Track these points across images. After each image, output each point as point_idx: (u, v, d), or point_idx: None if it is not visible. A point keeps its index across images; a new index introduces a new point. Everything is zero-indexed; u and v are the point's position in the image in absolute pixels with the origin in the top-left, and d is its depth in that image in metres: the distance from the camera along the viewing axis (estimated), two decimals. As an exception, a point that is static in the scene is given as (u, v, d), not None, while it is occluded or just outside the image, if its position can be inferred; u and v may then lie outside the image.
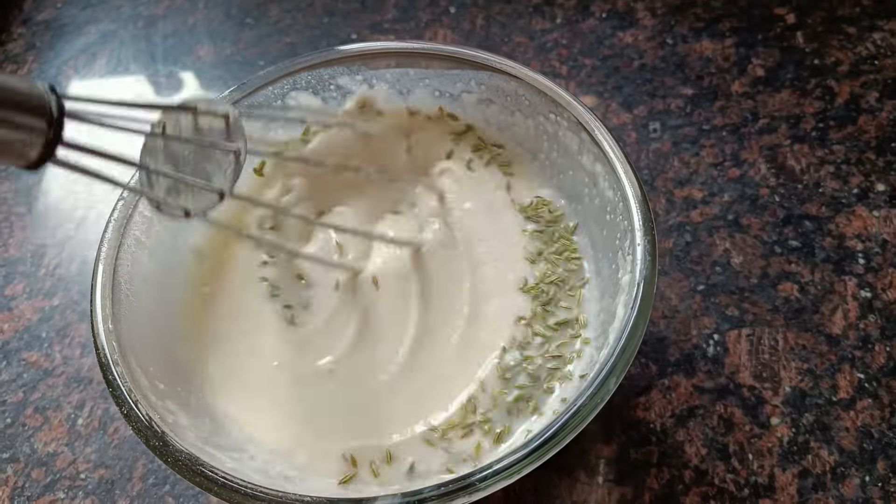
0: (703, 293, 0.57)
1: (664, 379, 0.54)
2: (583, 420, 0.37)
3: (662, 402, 0.53)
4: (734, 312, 0.56)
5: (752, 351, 0.55)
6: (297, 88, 0.54)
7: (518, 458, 0.36)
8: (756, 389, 0.53)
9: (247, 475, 0.40)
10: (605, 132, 0.46)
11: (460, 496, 0.36)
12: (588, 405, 0.37)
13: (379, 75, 0.54)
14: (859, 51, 0.69)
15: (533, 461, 0.36)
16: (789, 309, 0.56)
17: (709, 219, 0.61)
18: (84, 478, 0.54)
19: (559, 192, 0.54)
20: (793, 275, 0.58)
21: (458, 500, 0.36)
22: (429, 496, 0.36)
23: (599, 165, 0.47)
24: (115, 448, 0.55)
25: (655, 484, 0.50)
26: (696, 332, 0.56)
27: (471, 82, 0.53)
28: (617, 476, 0.51)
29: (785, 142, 0.64)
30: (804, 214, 0.60)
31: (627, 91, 0.69)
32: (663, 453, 0.51)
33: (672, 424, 0.52)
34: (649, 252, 0.41)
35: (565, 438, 0.37)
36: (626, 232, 0.44)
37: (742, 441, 0.51)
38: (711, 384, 0.54)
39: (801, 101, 0.67)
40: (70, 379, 0.59)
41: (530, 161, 0.55)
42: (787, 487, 0.49)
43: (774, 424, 0.52)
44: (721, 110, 0.67)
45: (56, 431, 0.57)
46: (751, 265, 0.58)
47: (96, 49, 0.80)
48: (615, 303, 0.44)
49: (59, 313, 0.62)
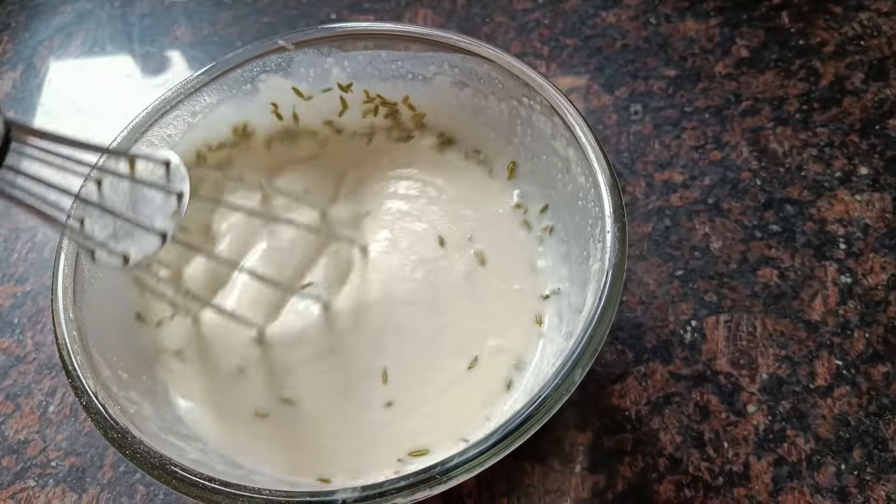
0: (681, 278, 0.57)
1: (640, 366, 0.53)
2: (547, 411, 0.36)
3: (638, 389, 0.53)
4: (712, 298, 0.56)
5: (730, 337, 0.54)
6: (267, 71, 0.53)
7: (480, 450, 0.36)
8: (733, 377, 0.53)
9: (209, 466, 0.39)
10: (577, 116, 0.45)
11: (422, 489, 0.35)
12: (552, 396, 0.36)
13: (350, 57, 0.53)
14: (845, 31, 0.68)
15: (496, 454, 0.36)
16: (768, 295, 0.55)
17: (689, 203, 0.60)
18: (55, 465, 0.54)
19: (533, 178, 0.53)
20: (772, 260, 0.57)
21: (420, 492, 0.35)
22: (389, 489, 0.35)
23: (572, 150, 0.46)
24: (87, 436, 0.55)
25: (629, 472, 0.50)
26: (673, 318, 0.55)
27: (444, 65, 0.52)
28: (591, 464, 0.50)
29: (768, 124, 0.63)
30: (785, 198, 0.59)
31: (609, 72, 0.68)
32: (638, 441, 0.51)
33: (647, 412, 0.52)
34: (619, 240, 0.40)
35: (529, 430, 0.36)
36: (597, 219, 0.43)
37: (718, 429, 0.51)
38: (688, 371, 0.53)
39: (786, 83, 0.65)
40: (42, 366, 0.58)
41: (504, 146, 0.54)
42: (762, 476, 0.49)
43: (751, 412, 0.51)
44: (704, 92, 0.66)
45: (27, 419, 0.56)
46: (730, 250, 0.58)
47: (72, 29, 0.79)
48: (583, 292, 0.44)
49: (31, 299, 0.62)
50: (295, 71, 0.53)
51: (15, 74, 0.76)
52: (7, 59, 0.77)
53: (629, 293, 0.56)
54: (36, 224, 0.65)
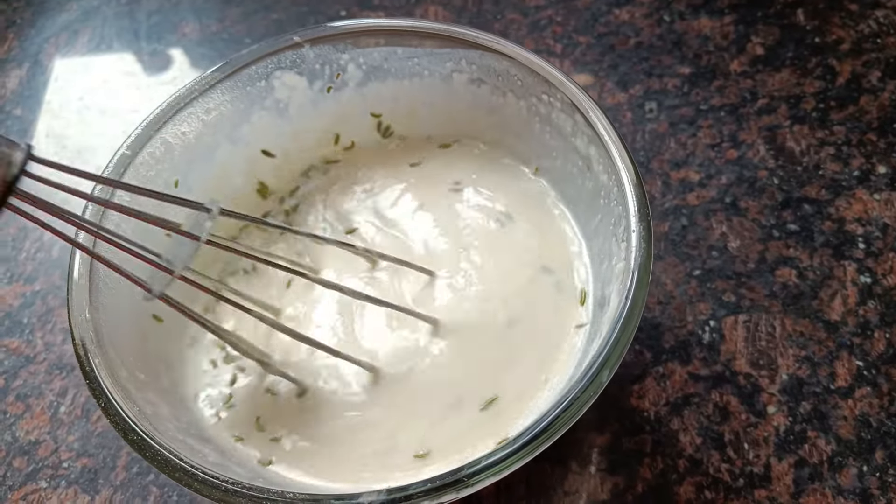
0: (699, 278, 0.56)
1: (659, 366, 0.53)
2: (574, 414, 0.36)
3: (657, 389, 0.52)
4: (731, 298, 0.55)
5: (749, 338, 0.54)
6: (282, 68, 0.52)
7: (508, 452, 0.35)
8: (752, 377, 0.52)
9: (228, 468, 0.39)
10: (599, 114, 0.45)
11: (448, 492, 0.35)
12: (580, 399, 0.36)
13: (366, 54, 0.52)
14: (861, 28, 0.67)
15: (523, 456, 0.35)
16: (787, 295, 0.55)
17: (706, 202, 0.59)
18: (67, 466, 0.53)
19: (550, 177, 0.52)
20: (791, 259, 0.56)
21: (446, 496, 0.35)
22: (415, 493, 0.34)
23: (594, 148, 0.45)
24: (99, 436, 0.54)
25: (648, 473, 0.49)
26: (691, 318, 0.55)
27: (461, 62, 0.51)
28: (609, 465, 0.50)
29: (784, 122, 0.63)
30: (803, 197, 0.59)
31: (623, 70, 0.67)
32: (657, 442, 0.50)
33: (666, 413, 0.51)
34: (644, 239, 0.40)
35: (557, 433, 0.36)
36: (621, 218, 0.42)
37: (738, 430, 0.50)
38: (707, 372, 0.53)
39: (802, 81, 0.65)
40: (52, 366, 0.58)
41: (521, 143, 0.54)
42: (784, 477, 0.49)
43: (771, 413, 0.51)
44: (719, 90, 0.65)
45: (38, 419, 0.55)
46: (748, 249, 0.57)
47: (78, 26, 0.78)
48: (608, 291, 0.43)
49: (40, 299, 0.61)
50: (310, 68, 0.53)
51: (21, 72, 0.75)
52: (13, 57, 0.76)
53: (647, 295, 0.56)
54: (45, 222, 0.65)
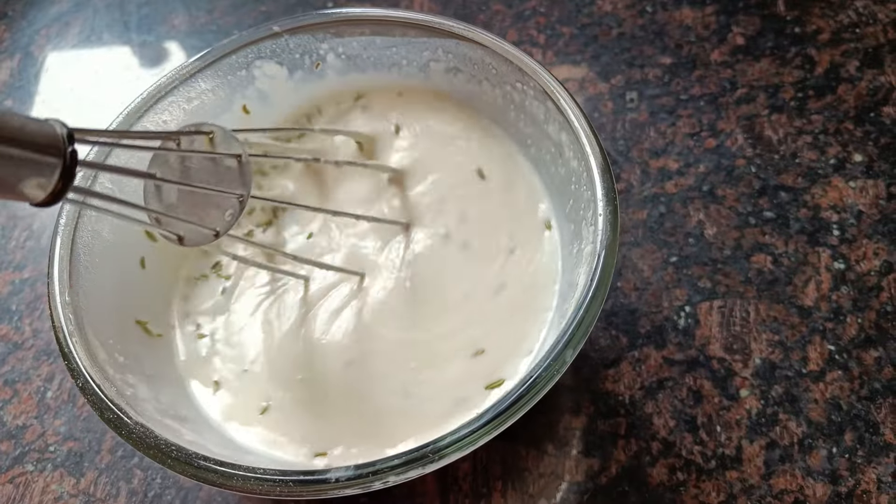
0: (675, 265, 0.57)
1: (634, 351, 0.54)
2: (539, 391, 0.37)
3: (632, 374, 0.53)
4: (706, 284, 0.56)
5: (724, 323, 0.54)
6: (262, 57, 0.53)
7: (473, 428, 0.36)
8: (726, 361, 0.53)
9: (204, 447, 0.40)
10: (569, 100, 0.46)
11: (415, 467, 0.36)
12: (544, 377, 0.37)
13: (345, 43, 0.53)
14: (841, 19, 0.68)
15: (488, 432, 0.36)
16: (762, 280, 0.56)
17: (683, 189, 0.60)
18: (53, 450, 0.54)
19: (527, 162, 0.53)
20: (766, 246, 0.57)
21: (412, 471, 0.36)
22: (382, 468, 0.35)
23: (564, 135, 0.46)
24: (84, 420, 0.55)
25: (623, 456, 0.50)
26: (667, 303, 0.55)
27: (438, 51, 0.52)
28: (585, 448, 0.51)
29: (763, 112, 0.63)
30: (780, 185, 0.60)
31: (605, 60, 0.68)
32: (631, 425, 0.51)
33: (641, 396, 0.52)
34: (611, 222, 0.41)
35: (520, 410, 0.36)
36: (590, 202, 0.43)
37: (710, 413, 0.51)
38: (682, 356, 0.53)
39: (781, 71, 0.66)
40: (40, 352, 0.59)
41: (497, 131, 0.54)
42: (754, 459, 0.49)
43: (743, 396, 0.52)
44: (699, 80, 0.66)
45: (26, 404, 0.57)
46: (724, 236, 0.58)
47: (69, 18, 0.79)
48: (575, 275, 0.44)
49: (28, 286, 0.62)
50: (290, 57, 0.54)
51: (12, 63, 0.76)
52: (4, 48, 0.77)
53: (623, 279, 0.56)
54: (35, 211, 0.66)
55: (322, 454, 0.44)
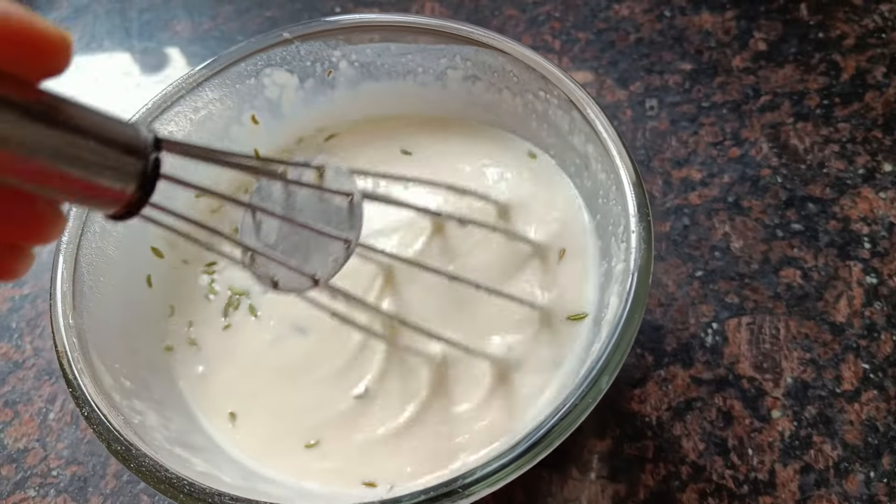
0: (701, 279, 0.55)
1: (661, 370, 0.52)
2: (573, 422, 0.35)
3: (659, 394, 0.51)
4: (734, 300, 0.54)
5: (753, 340, 0.52)
6: (272, 65, 0.51)
7: (504, 462, 0.34)
8: (756, 381, 0.51)
9: (217, 478, 0.38)
10: (597, 111, 0.43)
11: (442, 503, 0.34)
12: (579, 406, 0.35)
13: (358, 50, 0.51)
14: (866, 23, 0.66)
15: (520, 466, 0.34)
16: (791, 296, 0.54)
17: (708, 201, 0.58)
18: (56, 475, 0.52)
19: None
20: (795, 260, 0.55)
21: None
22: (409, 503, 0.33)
23: (591, 146, 0.44)
24: (88, 444, 0.53)
25: (651, 480, 0.48)
26: (693, 320, 0.53)
27: (455, 58, 0.50)
28: (610, 472, 0.49)
29: (788, 120, 0.61)
30: (807, 196, 0.58)
31: (623, 66, 0.66)
32: (659, 448, 0.49)
33: (669, 418, 0.50)
34: (644, 240, 0.39)
35: (555, 442, 0.34)
36: (620, 218, 0.41)
37: (741, 435, 0.49)
38: (710, 375, 0.51)
39: (805, 77, 0.64)
40: (41, 371, 0.56)
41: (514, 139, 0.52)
42: (789, 484, 0.47)
43: (775, 417, 0.49)
44: (721, 86, 0.64)
45: (27, 426, 0.54)
46: (751, 250, 0.56)
47: (69, 24, 0.77)
48: (607, 293, 0.42)
49: (29, 303, 0.60)
50: (300, 65, 0.51)
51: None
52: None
53: (648, 296, 0.54)
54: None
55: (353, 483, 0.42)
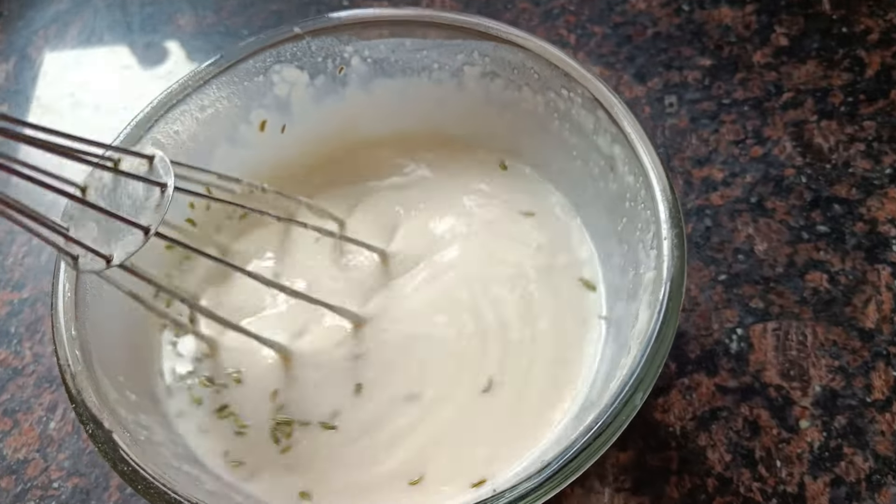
0: (724, 283, 0.53)
1: (684, 378, 0.50)
2: (606, 441, 0.33)
3: (682, 403, 0.49)
4: (759, 304, 0.52)
5: (779, 347, 0.51)
6: (282, 61, 0.49)
7: (534, 485, 0.32)
8: (783, 389, 0.49)
9: (227, 497, 0.36)
10: (625, 110, 0.42)
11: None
12: (613, 424, 0.33)
13: (371, 46, 0.49)
14: (890, 18, 0.64)
15: (551, 489, 0.32)
16: (818, 301, 0.52)
17: (730, 202, 0.56)
18: (57, 487, 0.50)
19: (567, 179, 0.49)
20: (822, 263, 0.53)
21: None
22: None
23: (618, 147, 0.42)
24: (91, 454, 0.51)
25: (676, 493, 0.46)
26: (717, 326, 0.52)
27: (473, 54, 0.48)
28: (633, 484, 0.47)
29: (811, 117, 0.59)
30: (833, 197, 0.56)
31: (641, 62, 0.64)
32: (684, 459, 0.47)
33: (693, 428, 0.48)
34: (677, 247, 0.37)
35: (587, 462, 0.33)
36: (649, 223, 0.39)
37: (769, 446, 0.47)
38: (735, 383, 0.49)
39: (829, 73, 0.62)
40: (41, 378, 0.55)
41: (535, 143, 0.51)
42: (819, 497, 0.46)
43: (804, 428, 0.48)
44: (742, 83, 0.62)
45: (27, 436, 0.52)
46: (776, 253, 0.54)
47: (68, 18, 0.75)
48: (635, 304, 0.40)
49: (28, 307, 0.58)
50: (311, 61, 0.49)
51: (8, 66, 0.72)
52: (0, 50, 0.73)
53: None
54: (33, 226, 0.61)
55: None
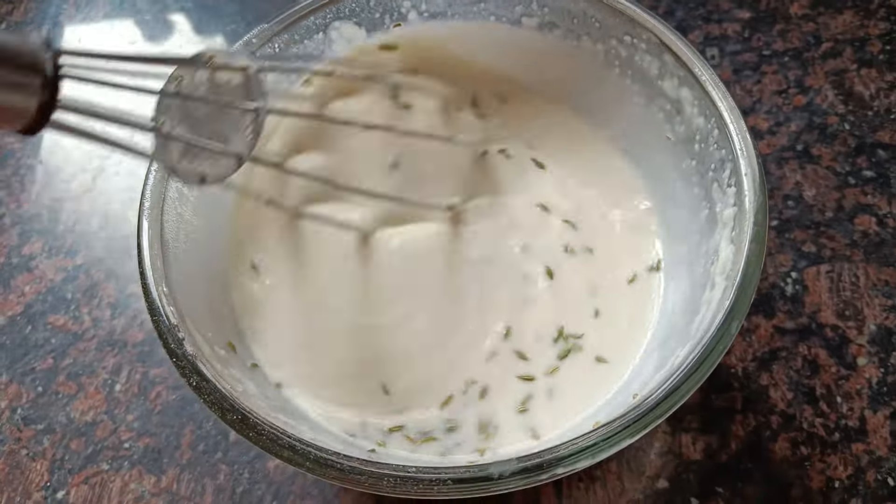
0: (776, 229, 0.54)
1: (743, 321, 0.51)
2: (705, 373, 0.34)
3: (743, 345, 0.50)
4: (811, 248, 0.53)
5: (833, 288, 0.52)
6: (340, 18, 0.49)
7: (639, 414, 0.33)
8: (839, 329, 0.50)
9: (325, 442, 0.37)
10: (692, 53, 0.42)
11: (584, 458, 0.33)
12: (713, 353, 0.34)
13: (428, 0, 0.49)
14: (923, -33, 0.65)
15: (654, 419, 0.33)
16: (868, 243, 0.53)
17: (777, 150, 0.57)
18: (128, 447, 0.51)
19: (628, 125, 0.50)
20: (869, 207, 0.54)
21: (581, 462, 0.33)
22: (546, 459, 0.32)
23: (686, 90, 0.43)
24: (159, 415, 0.52)
25: (741, 431, 0.48)
26: (772, 270, 0.53)
27: (532, 4, 0.48)
28: (700, 424, 0.48)
29: (851, 66, 0.60)
30: (877, 143, 0.57)
31: (680, 15, 0.64)
32: (747, 399, 0.49)
33: (754, 368, 0.50)
34: (758, 181, 0.38)
35: (684, 396, 0.34)
36: (724, 162, 0.40)
37: (829, 383, 0.49)
38: (792, 325, 0.51)
39: (866, 23, 0.62)
40: (102, 342, 0.55)
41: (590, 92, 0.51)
42: (880, 430, 0.47)
43: (861, 365, 0.49)
44: (781, 34, 0.63)
45: (93, 399, 0.53)
46: (824, 198, 0.55)
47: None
48: (712, 240, 0.41)
49: (83, 272, 0.58)
50: (369, 17, 0.49)
51: (41, 35, 0.71)
52: (31, 19, 0.72)
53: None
54: (81, 192, 0.61)
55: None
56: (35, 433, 0.52)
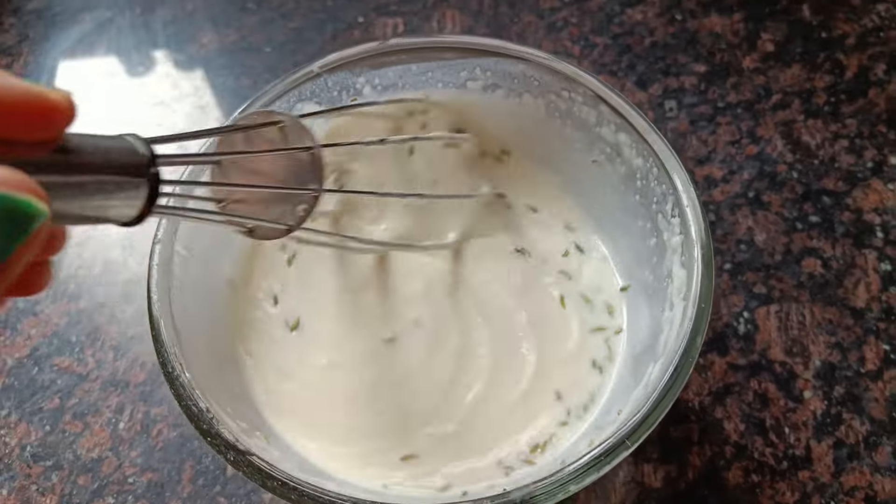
0: (730, 272, 0.59)
1: (699, 358, 0.56)
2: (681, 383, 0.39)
3: (699, 380, 0.55)
4: (761, 290, 0.58)
5: (781, 327, 0.57)
6: (303, 99, 0.52)
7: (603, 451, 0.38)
8: (787, 364, 0.55)
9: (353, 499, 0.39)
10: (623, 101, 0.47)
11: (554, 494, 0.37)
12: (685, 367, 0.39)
13: (381, 74, 0.53)
14: (864, 23, 0.70)
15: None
16: (814, 284, 0.58)
17: (730, 196, 0.62)
18: (132, 482, 0.55)
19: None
20: (815, 250, 0.59)
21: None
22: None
23: (623, 135, 0.48)
24: (161, 451, 0.55)
25: (698, 461, 0.52)
26: (726, 310, 0.57)
27: (475, 70, 0.53)
28: (659, 455, 0.53)
29: (799, 117, 0.66)
30: (822, 189, 0.62)
31: (641, 69, 0.70)
32: (703, 430, 0.53)
33: (710, 402, 0.54)
34: (699, 208, 0.43)
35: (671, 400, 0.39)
36: (666, 195, 0.45)
37: (778, 416, 0.53)
38: (745, 361, 0.55)
39: (812, 76, 0.68)
40: (106, 383, 0.59)
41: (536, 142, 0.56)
42: (824, 458, 0.52)
43: (807, 398, 0.54)
44: (734, 87, 0.68)
45: (98, 437, 0.57)
46: (774, 242, 0.60)
47: (93, 38, 0.78)
48: (665, 265, 0.46)
49: (86, 316, 0.62)
50: (328, 95, 0.53)
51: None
52: (29, 72, 0.76)
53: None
54: (84, 239, 0.65)
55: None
56: (44, 469, 0.55)
